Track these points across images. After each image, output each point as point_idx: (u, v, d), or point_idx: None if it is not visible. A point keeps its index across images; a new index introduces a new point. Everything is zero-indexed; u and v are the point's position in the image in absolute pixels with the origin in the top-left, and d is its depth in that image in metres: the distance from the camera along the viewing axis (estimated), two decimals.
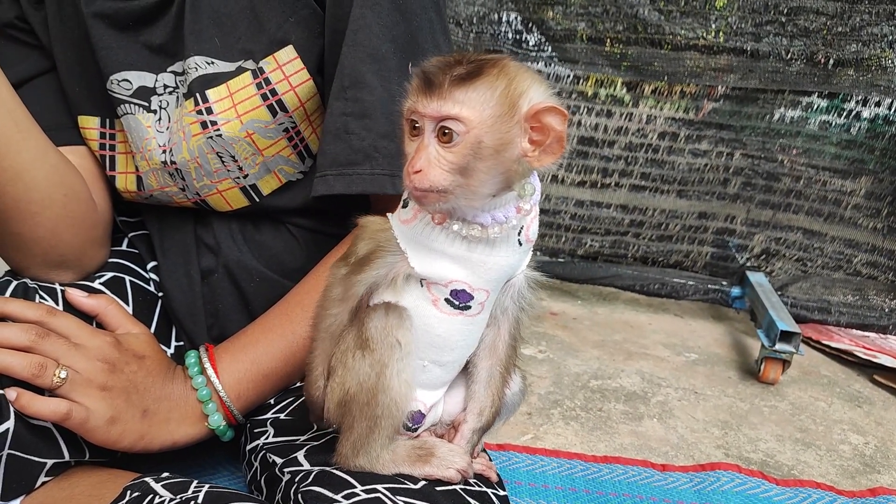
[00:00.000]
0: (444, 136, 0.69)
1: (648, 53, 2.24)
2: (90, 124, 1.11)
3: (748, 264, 2.47)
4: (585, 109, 2.38)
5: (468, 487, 0.84)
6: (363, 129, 0.98)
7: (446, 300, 0.78)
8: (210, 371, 0.98)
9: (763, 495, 1.38)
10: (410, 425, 0.85)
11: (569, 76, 2.36)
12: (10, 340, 0.89)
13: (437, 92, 0.69)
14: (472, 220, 0.73)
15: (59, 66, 1.11)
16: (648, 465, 1.46)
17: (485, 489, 0.87)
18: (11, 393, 0.87)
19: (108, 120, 1.11)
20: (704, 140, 2.35)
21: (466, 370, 0.88)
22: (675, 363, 2.08)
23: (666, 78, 2.27)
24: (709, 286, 2.47)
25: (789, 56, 2.20)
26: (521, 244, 0.76)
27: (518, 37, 2.32)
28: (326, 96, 1.02)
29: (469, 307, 0.78)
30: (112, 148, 1.12)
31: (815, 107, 2.28)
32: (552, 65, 2.34)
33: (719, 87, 2.28)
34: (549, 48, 2.32)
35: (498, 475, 0.95)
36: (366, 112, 0.97)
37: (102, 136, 1.12)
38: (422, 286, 0.78)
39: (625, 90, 2.35)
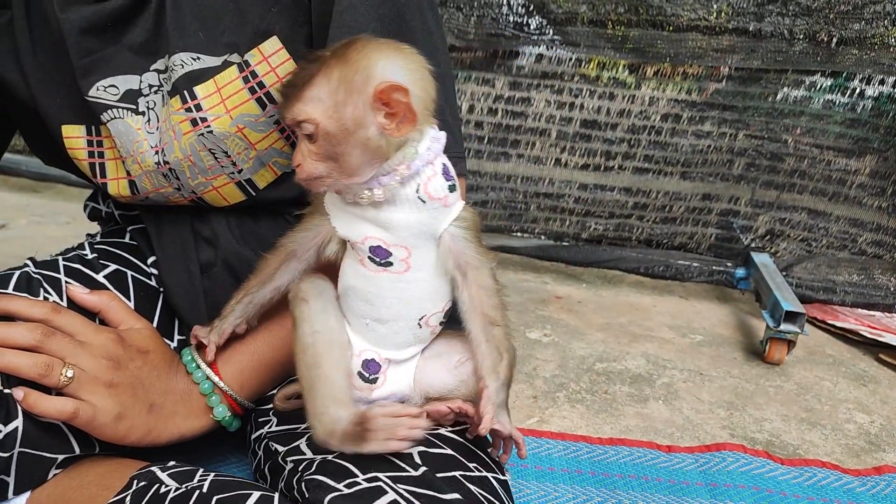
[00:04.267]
0: (305, 134, 0.78)
1: (650, 35, 2.23)
2: (75, 133, 1.09)
3: (753, 245, 2.46)
4: (588, 92, 2.38)
5: (468, 473, 0.85)
6: None
7: (369, 258, 0.84)
8: (205, 367, 0.99)
9: (769, 475, 1.39)
10: (367, 375, 0.89)
11: (571, 59, 2.35)
12: (17, 340, 0.90)
13: (287, 100, 0.78)
14: (365, 187, 0.80)
15: (32, 77, 1.07)
16: (654, 447, 1.46)
17: (485, 474, 0.87)
18: (19, 392, 0.88)
19: (93, 127, 1.09)
20: (707, 121, 2.34)
21: (446, 340, 0.93)
22: (680, 345, 2.08)
23: (668, 59, 2.26)
24: (713, 267, 2.47)
25: (792, 35, 2.18)
26: (423, 201, 0.82)
27: (519, 20, 2.31)
28: None
29: (391, 263, 0.84)
30: (101, 155, 1.10)
31: (819, 86, 2.26)
32: (554, 48, 2.33)
33: (722, 68, 2.27)
34: (551, 31, 2.31)
35: (497, 460, 0.95)
36: None
37: (90, 143, 1.10)
38: (351, 248, 0.86)
39: (627, 72, 2.34)
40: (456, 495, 0.77)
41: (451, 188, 0.83)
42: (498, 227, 2.61)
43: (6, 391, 0.89)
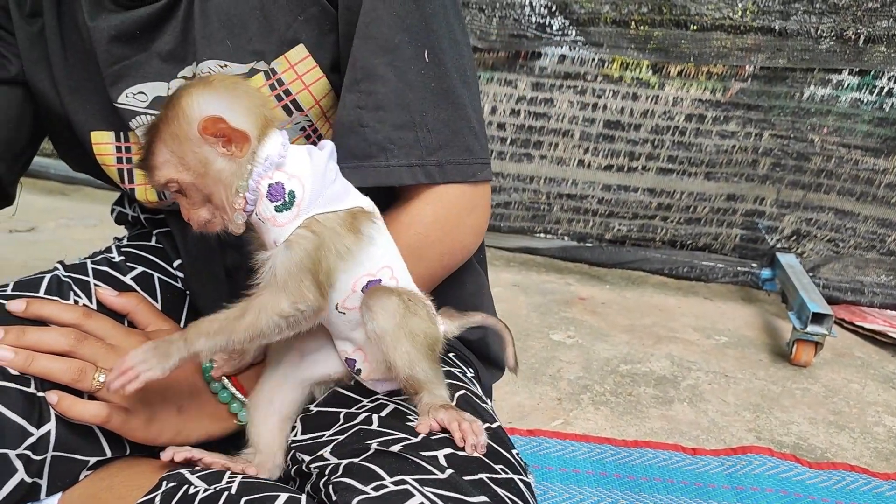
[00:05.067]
0: (176, 192, 0.84)
1: (674, 35, 2.22)
2: (104, 139, 1.10)
3: (778, 246, 2.44)
4: (611, 93, 2.37)
5: (495, 476, 0.84)
6: (377, 121, 0.97)
7: None
8: (226, 381, 0.99)
9: (796, 478, 1.37)
10: (352, 370, 0.93)
11: (593, 60, 2.34)
12: (51, 345, 0.91)
13: (147, 174, 0.84)
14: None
15: (63, 85, 1.07)
16: (679, 449, 1.46)
17: (511, 476, 0.87)
18: (52, 397, 0.89)
19: (121, 133, 1.10)
20: (732, 121, 2.33)
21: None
22: (704, 346, 2.07)
23: (692, 59, 2.25)
24: (738, 268, 2.45)
25: (819, 33, 2.16)
26: (262, 221, 0.85)
27: (542, 21, 2.31)
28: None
29: None
30: (129, 161, 1.11)
31: (846, 84, 2.24)
32: (576, 48, 2.32)
33: (747, 67, 2.26)
34: (574, 32, 2.31)
35: (524, 462, 0.95)
36: (379, 104, 0.97)
37: (118, 149, 1.10)
38: None
39: (650, 72, 2.33)
40: (483, 498, 0.77)
41: (278, 208, 0.83)
42: (521, 229, 2.61)
43: (39, 394, 0.90)
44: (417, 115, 0.97)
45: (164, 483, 0.88)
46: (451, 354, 1.09)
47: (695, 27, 2.20)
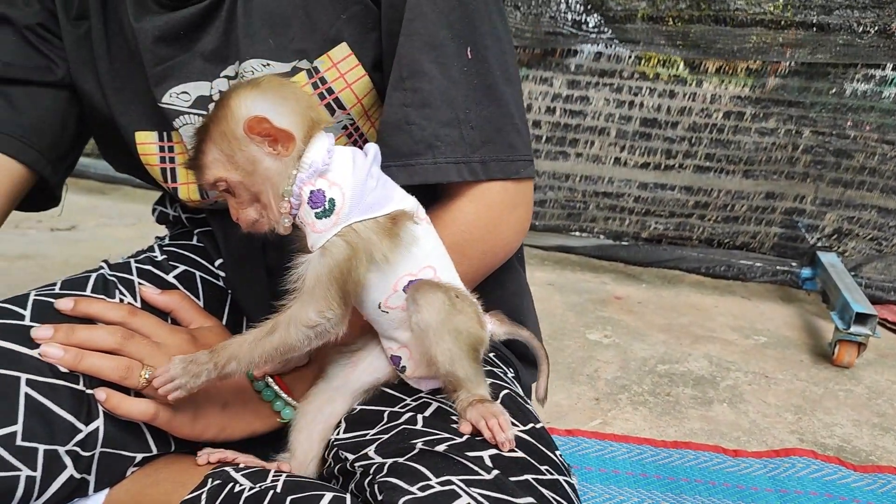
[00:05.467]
0: (225, 191, 0.86)
1: (712, 31, 2.19)
2: (148, 139, 1.11)
3: (819, 244, 2.40)
4: (647, 90, 2.35)
5: (540, 476, 0.84)
6: (424, 118, 0.97)
7: None
8: (272, 383, 1.00)
9: (841, 482, 1.35)
10: (397, 367, 0.94)
11: (630, 57, 2.32)
12: (99, 343, 0.92)
13: (196, 173, 0.87)
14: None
15: (108, 86, 1.09)
16: (720, 451, 1.44)
17: (556, 477, 0.86)
18: (101, 394, 0.90)
19: (164, 133, 1.11)
20: (772, 118, 2.29)
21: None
22: (743, 346, 2.04)
23: (731, 55, 2.22)
24: (777, 267, 2.42)
25: (861, 28, 2.12)
26: (303, 225, 0.87)
27: (578, 18, 2.29)
28: (384, 90, 1.01)
29: None
30: (172, 160, 1.12)
31: (889, 80, 2.19)
32: (613, 46, 2.31)
33: (787, 63, 2.22)
34: (609, 30, 2.29)
35: (567, 463, 0.94)
36: (426, 101, 0.97)
37: (161, 149, 1.11)
38: None
39: (687, 69, 2.30)
40: (530, 499, 0.77)
41: (318, 215, 0.84)
42: (556, 227, 2.60)
43: (88, 392, 0.91)
44: (462, 112, 0.97)
45: (210, 480, 0.89)
46: (491, 354, 1.09)
47: (733, 23, 2.17)
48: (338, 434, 0.98)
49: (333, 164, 0.86)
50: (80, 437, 0.90)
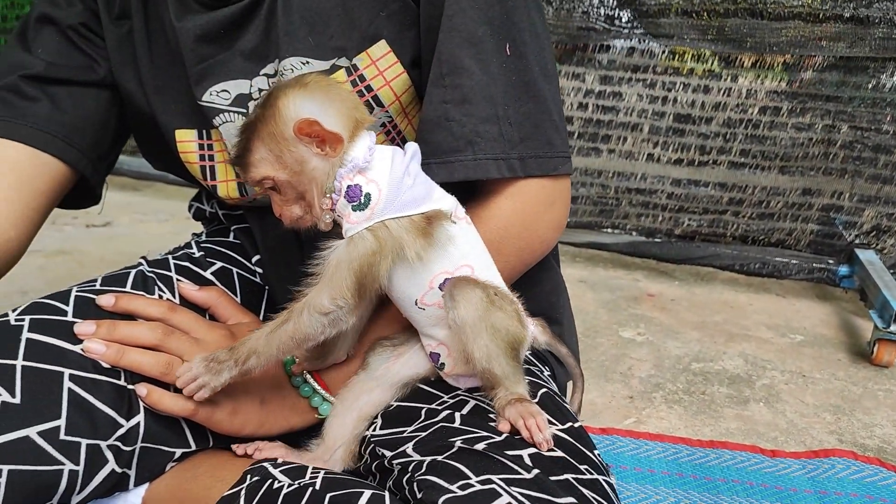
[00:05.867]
0: (270, 189, 0.87)
1: (748, 25, 2.15)
2: (188, 137, 1.12)
3: (857, 241, 2.36)
4: (681, 86, 2.32)
5: (580, 476, 0.83)
6: (463, 114, 0.97)
7: None
8: (308, 377, 1.00)
9: (882, 483, 1.33)
10: (436, 365, 0.95)
11: (664, 52, 2.30)
12: (140, 339, 0.93)
13: (242, 170, 0.88)
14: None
15: (149, 85, 1.10)
16: (757, 451, 1.42)
17: (596, 476, 0.86)
18: (142, 389, 0.91)
19: (204, 131, 1.12)
20: (808, 113, 2.25)
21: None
22: (779, 345, 2.01)
23: (768, 49, 2.18)
24: (814, 265, 2.38)
25: None
26: (341, 218, 0.88)
27: (611, 13, 2.27)
28: (422, 88, 1.01)
29: None
30: (211, 158, 1.13)
31: None
32: (646, 41, 2.28)
33: (826, 57, 2.18)
34: (643, 24, 2.27)
35: (605, 462, 0.94)
36: (465, 97, 0.96)
37: (201, 147, 1.12)
38: None
39: (722, 64, 2.27)
40: (570, 499, 0.76)
41: (354, 208, 0.86)
42: (588, 224, 2.58)
43: (129, 387, 0.92)
44: (501, 109, 0.96)
45: (249, 477, 0.89)
46: (527, 352, 1.09)
47: (769, 16, 2.13)
48: (374, 430, 0.98)
49: (374, 162, 0.87)
50: (121, 431, 0.91)
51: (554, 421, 0.91)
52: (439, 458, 0.82)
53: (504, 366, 0.87)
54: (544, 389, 0.98)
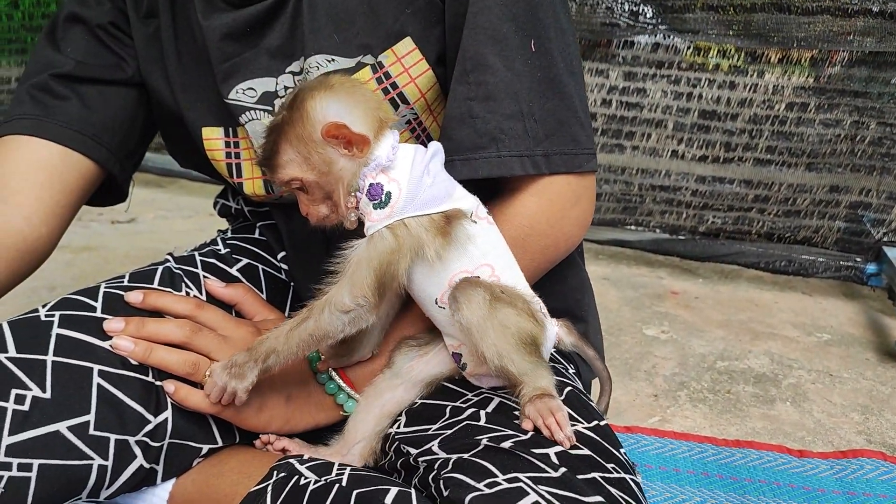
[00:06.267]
0: (298, 189, 0.89)
1: (775, 19, 2.13)
2: (214, 135, 1.12)
3: (885, 239, 2.33)
4: (706, 82, 2.30)
5: (608, 475, 0.83)
6: (488, 111, 0.96)
7: None
8: (334, 374, 1.00)
9: None
10: (458, 365, 0.95)
11: (689, 48, 2.28)
12: (168, 337, 0.94)
13: (270, 171, 0.89)
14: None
15: (177, 83, 1.11)
16: (784, 451, 1.41)
17: (623, 475, 0.85)
18: (170, 386, 0.92)
19: (230, 129, 1.12)
20: (837, 109, 2.22)
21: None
22: (805, 343, 1.99)
23: (795, 45, 2.15)
24: (841, 263, 2.35)
25: None
26: (364, 216, 0.89)
27: (635, 9, 2.25)
28: (447, 85, 1.01)
29: None
30: (237, 156, 1.13)
31: None
32: (671, 37, 2.26)
33: (853, 52, 2.15)
34: (667, 20, 2.25)
35: (631, 461, 0.93)
36: (490, 94, 0.96)
37: (227, 144, 1.13)
38: None
39: (748, 59, 2.25)
40: (598, 498, 0.76)
41: (375, 206, 0.87)
42: (611, 221, 2.57)
43: (157, 384, 0.93)
44: (525, 105, 0.96)
45: (275, 473, 0.90)
46: (552, 350, 1.08)
47: (797, 11, 2.10)
48: (398, 428, 0.98)
49: (396, 161, 0.88)
50: (149, 427, 0.91)
51: (579, 419, 0.90)
52: (466, 456, 0.82)
53: (519, 362, 0.86)
54: (570, 387, 0.97)
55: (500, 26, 0.94)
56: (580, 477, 0.79)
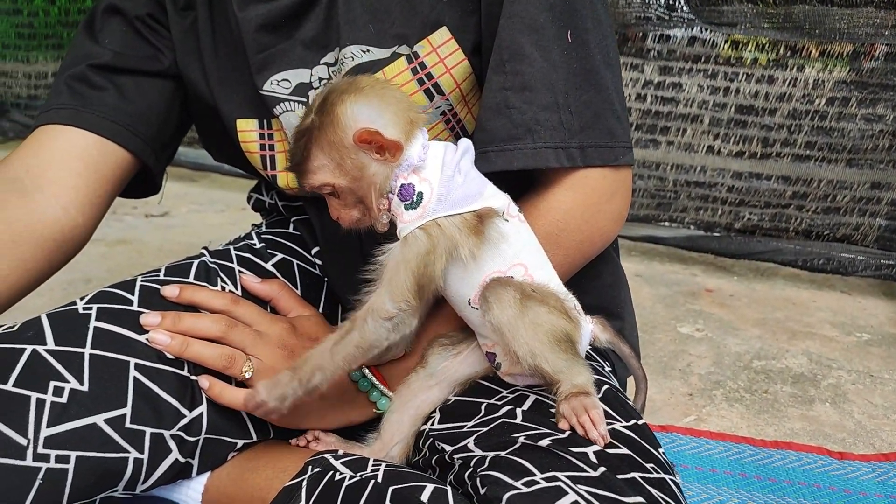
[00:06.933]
0: (329, 194, 0.88)
1: (818, 12, 2.08)
2: (249, 127, 1.12)
3: None
4: (744, 76, 2.26)
5: (647, 475, 0.81)
6: (524, 102, 0.95)
7: None
8: (368, 373, 1.00)
9: None
10: (492, 365, 0.94)
11: (725, 41, 2.24)
12: (204, 331, 0.94)
13: (300, 176, 0.88)
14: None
15: (213, 75, 1.11)
16: (824, 453, 1.38)
17: (663, 476, 0.84)
18: (204, 382, 0.92)
19: (265, 121, 1.12)
20: (879, 103, 2.17)
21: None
22: (845, 343, 1.95)
23: (837, 38, 2.10)
24: (881, 261, 2.30)
25: None
26: (392, 222, 0.89)
27: (671, 2, 2.22)
28: (482, 75, 1.00)
29: None
30: (271, 148, 1.13)
31: None
32: (707, 30, 2.23)
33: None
34: (704, 12, 2.21)
35: (670, 461, 0.91)
36: (526, 85, 0.95)
37: (261, 136, 1.13)
38: None
39: (788, 53, 2.20)
40: (639, 499, 0.74)
41: (406, 207, 0.85)
42: (645, 217, 2.54)
43: (192, 378, 0.93)
44: (561, 97, 0.94)
45: (310, 468, 0.89)
46: (587, 347, 1.07)
47: (840, 3, 2.05)
48: (432, 424, 0.97)
49: (427, 160, 0.86)
50: (184, 422, 0.92)
51: (617, 417, 0.89)
52: (502, 454, 0.81)
53: (553, 360, 0.85)
54: (607, 386, 0.96)
55: (536, 15, 0.93)
56: (620, 477, 0.77)
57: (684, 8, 2.22)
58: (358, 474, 0.85)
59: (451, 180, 0.85)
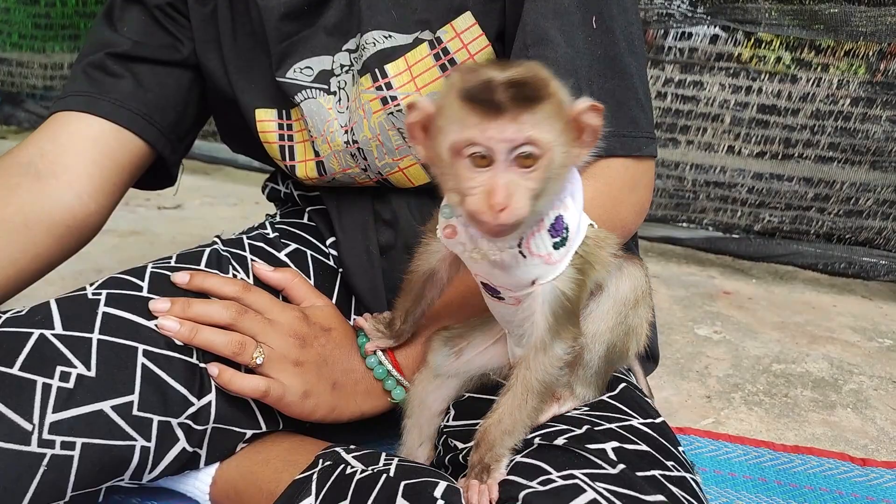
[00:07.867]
0: (527, 160, 0.63)
1: (845, 11, 2.04)
2: (268, 116, 1.11)
3: None
4: (767, 75, 2.22)
5: (667, 473, 0.79)
6: None
7: (482, 285, 0.81)
8: (380, 355, 0.98)
9: None
10: None
11: (749, 40, 2.20)
12: (214, 318, 0.92)
13: (507, 116, 0.62)
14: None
15: (232, 64, 1.10)
16: (846, 459, 1.34)
17: (684, 474, 0.81)
18: (214, 369, 0.90)
19: (284, 111, 1.11)
20: None
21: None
22: (866, 349, 1.91)
23: (864, 38, 2.06)
24: None
25: None
26: (524, 256, 0.72)
27: None
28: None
29: (502, 298, 0.79)
30: (290, 138, 1.12)
31: None
32: (730, 28, 2.19)
33: None
34: (727, 10, 2.17)
35: (689, 460, 0.89)
36: (549, 69, 0.93)
37: (280, 126, 1.11)
38: None
39: (812, 53, 2.16)
40: (660, 497, 0.72)
41: (556, 245, 0.72)
42: (663, 217, 2.50)
43: (201, 366, 0.91)
44: (584, 83, 0.92)
45: (321, 461, 0.87)
46: None
47: (868, 2, 2.01)
48: (447, 421, 0.95)
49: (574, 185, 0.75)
50: (192, 410, 0.90)
51: (634, 414, 0.87)
52: (518, 458, 0.79)
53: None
54: (624, 384, 0.94)
55: (562, 0, 0.91)
56: (640, 474, 0.75)
57: (707, 5, 2.19)
58: (370, 468, 0.83)
59: (579, 210, 0.75)
